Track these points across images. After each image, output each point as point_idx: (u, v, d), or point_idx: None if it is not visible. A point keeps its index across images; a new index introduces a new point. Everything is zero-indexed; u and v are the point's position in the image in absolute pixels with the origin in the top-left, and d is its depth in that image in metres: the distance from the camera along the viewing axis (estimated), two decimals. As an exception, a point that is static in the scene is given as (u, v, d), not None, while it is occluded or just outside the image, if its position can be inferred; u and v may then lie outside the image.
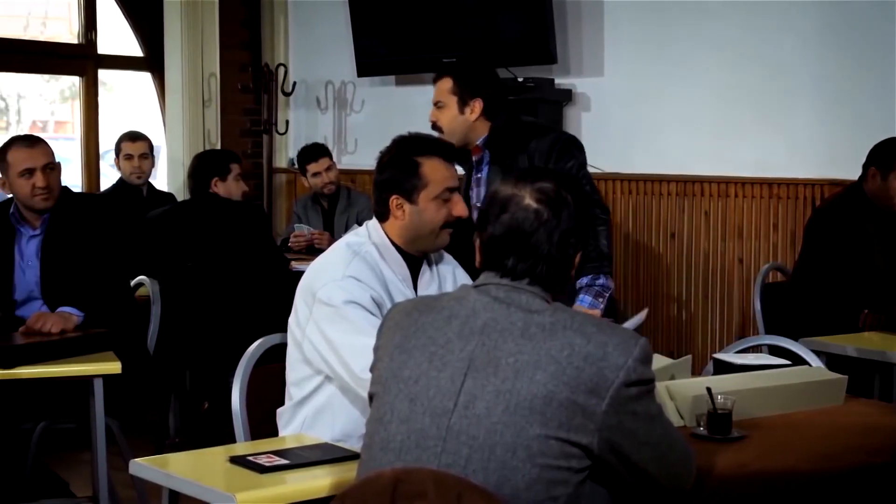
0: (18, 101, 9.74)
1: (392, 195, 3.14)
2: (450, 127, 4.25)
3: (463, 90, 4.23)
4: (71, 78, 7.97)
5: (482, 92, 4.24)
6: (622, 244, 6.24)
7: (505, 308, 2.30)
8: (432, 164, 3.12)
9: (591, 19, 6.27)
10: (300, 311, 3.13)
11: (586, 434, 2.19)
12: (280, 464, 2.70)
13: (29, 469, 4.38)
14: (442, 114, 4.26)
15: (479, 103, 4.22)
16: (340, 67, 7.37)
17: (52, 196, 4.41)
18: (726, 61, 5.86)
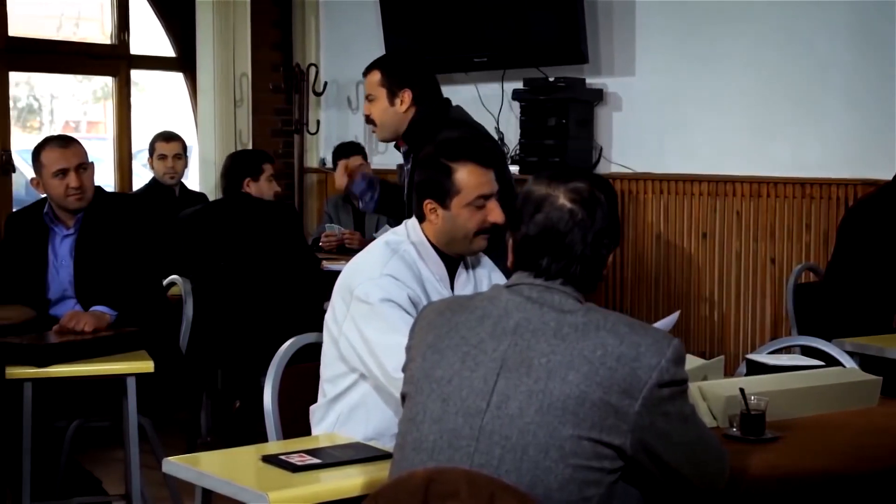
0: (51, 101, 9.81)
1: (426, 199, 3.13)
2: (381, 119, 4.31)
3: (391, 82, 4.28)
4: (103, 78, 8.01)
5: (410, 83, 4.28)
6: (653, 244, 6.22)
7: (538, 308, 2.29)
8: (467, 170, 3.10)
9: (622, 19, 6.25)
10: (337, 308, 3.13)
11: (619, 435, 2.18)
12: (312, 463, 2.70)
13: (62, 467, 4.40)
14: (373, 106, 4.32)
15: (407, 94, 4.26)
16: (371, 67, 7.37)
17: (85, 196, 4.43)
18: (759, 60, 5.83)
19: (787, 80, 5.75)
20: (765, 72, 5.82)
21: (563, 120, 6.18)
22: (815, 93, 5.68)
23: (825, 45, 5.64)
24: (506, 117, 6.67)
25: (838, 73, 5.61)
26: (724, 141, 5.98)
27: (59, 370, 3.86)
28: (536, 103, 6.28)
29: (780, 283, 5.77)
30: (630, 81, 6.27)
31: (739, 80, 5.90)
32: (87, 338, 4.03)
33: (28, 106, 9.68)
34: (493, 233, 3.15)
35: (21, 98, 8.49)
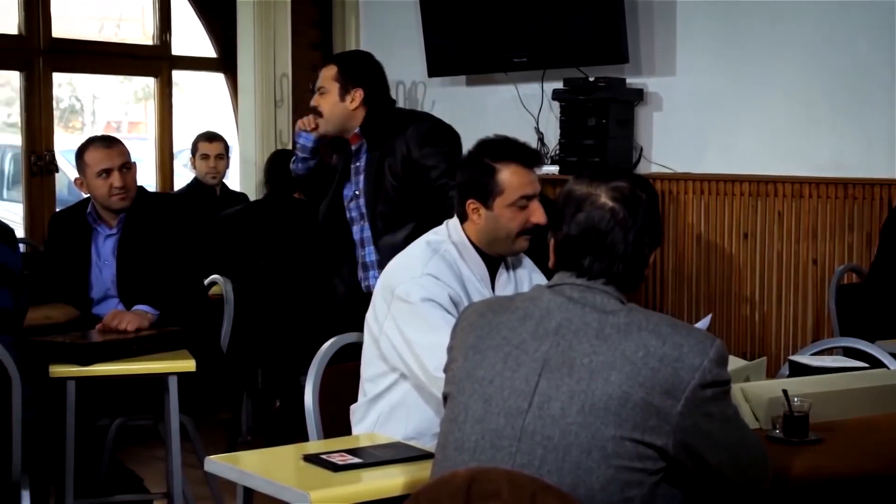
0: (93, 101, 9.88)
1: (468, 199, 3.13)
2: (329, 113, 4.37)
3: (346, 78, 4.35)
4: (144, 79, 8.07)
5: (364, 82, 4.35)
6: (694, 245, 6.19)
7: (579, 308, 2.29)
8: (510, 171, 3.10)
9: (663, 18, 6.23)
10: (378, 308, 3.13)
11: (661, 435, 2.18)
12: (353, 462, 2.70)
13: (105, 465, 4.43)
14: (323, 99, 4.38)
15: (359, 93, 4.33)
16: (411, 67, 7.38)
17: (128, 196, 4.46)
18: (801, 60, 5.79)
19: (829, 80, 5.71)
20: (806, 71, 5.78)
21: (604, 120, 6.16)
22: (857, 92, 5.64)
23: (867, 45, 5.59)
24: (545, 117, 6.66)
25: (881, 72, 5.56)
26: (766, 141, 5.94)
27: (101, 369, 3.88)
28: (576, 103, 6.27)
29: (821, 284, 5.73)
30: (671, 81, 6.24)
31: (781, 80, 5.86)
32: (129, 337, 4.05)
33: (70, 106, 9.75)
34: (535, 234, 3.14)
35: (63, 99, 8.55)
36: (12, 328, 3.68)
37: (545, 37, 6.49)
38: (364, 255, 4.46)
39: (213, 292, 4.98)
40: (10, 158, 9.11)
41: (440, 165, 4.25)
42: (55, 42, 6.87)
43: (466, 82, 7.21)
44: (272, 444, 3.72)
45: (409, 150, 4.27)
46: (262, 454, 2.96)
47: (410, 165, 4.28)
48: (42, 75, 6.82)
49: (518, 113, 6.73)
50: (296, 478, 2.63)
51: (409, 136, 4.28)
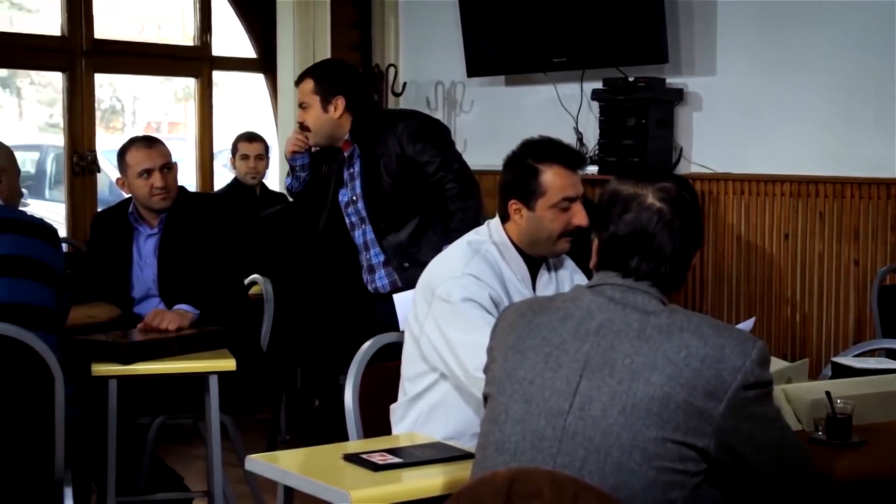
0: (134, 102, 9.94)
1: (511, 199, 3.13)
2: (316, 126, 4.46)
3: (324, 89, 4.43)
4: (184, 79, 8.11)
5: (343, 89, 4.43)
6: (734, 245, 6.16)
7: (621, 309, 2.28)
8: (553, 172, 3.10)
9: (703, 18, 6.20)
10: (419, 307, 3.14)
11: (703, 437, 2.17)
12: (393, 462, 2.70)
13: (146, 463, 4.45)
14: (307, 114, 4.46)
15: (341, 101, 4.42)
16: (450, 68, 7.38)
17: (169, 196, 4.48)
18: (842, 59, 5.75)
19: (870, 79, 5.67)
20: (848, 70, 5.73)
21: (643, 120, 6.14)
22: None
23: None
24: (585, 117, 6.64)
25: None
26: (807, 141, 5.90)
27: (143, 368, 3.90)
28: (616, 103, 6.25)
29: (863, 285, 5.69)
30: (711, 81, 6.21)
31: (822, 79, 5.82)
32: (170, 336, 4.07)
33: (111, 107, 9.82)
34: (576, 235, 3.14)
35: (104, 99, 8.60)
36: (55, 327, 3.71)
37: (585, 37, 6.47)
38: (369, 257, 4.51)
39: (253, 292, 5.00)
40: (53, 159, 9.19)
41: (435, 160, 4.35)
42: (97, 43, 6.92)
43: (505, 82, 7.20)
44: (311, 443, 3.73)
45: (403, 147, 4.36)
46: (303, 453, 2.97)
47: (405, 162, 4.37)
48: (84, 76, 6.87)
49: (557, 113, 6.72)
50: (336, 477, 2.64)
51: (399, 133, 4.37)
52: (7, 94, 9.20)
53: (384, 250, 4.47)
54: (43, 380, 3.48)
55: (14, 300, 3.57)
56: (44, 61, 6.90)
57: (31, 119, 9.33)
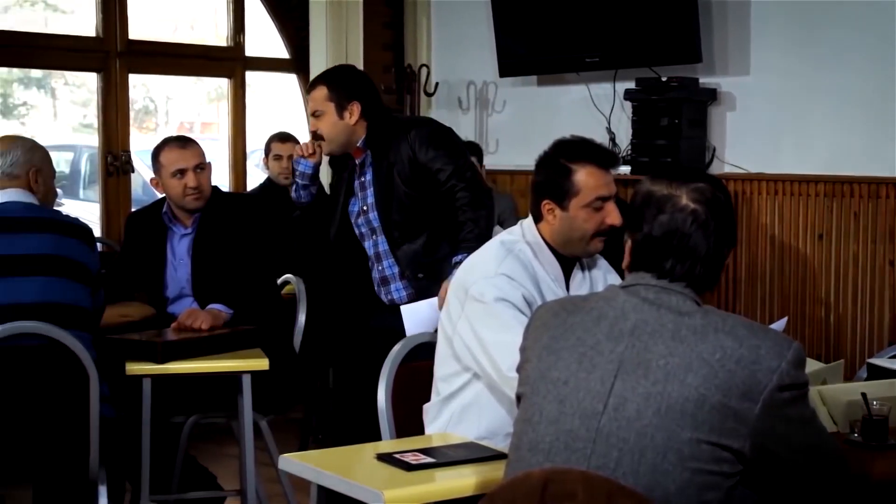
0: (167, 102, 9.98)
1: (544, 199, 3.12)
2: (331, 133, 4.38)
3: (339, 95, 4.35)
4: (217, 80, 8.14)
5: (358, 95, 4.36)
6: (768, 245, 6.13)
7: (655, 310, 2.28)
8: (586, 171, 3.09)
9: (737, 17, 6.17)
10: (452, 307, 3.14)
11: (738, 438, 2.16)
12: (426, 462, 2.71)
13: (179, 462, 4.47)
14: (321, 122, 4.38)
15: (356, 106, 4.34)
16: (482, 67, 7.38)
17: (202, 196, 4.50)
18: (877, 59, 5.70)
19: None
20: (883, 70, 5.69)
21: (676, 120, 6.12)
22: (936, 91, 5.55)
23: (947, 43, 5.51)
24: (617, 117, 6.63)
25: (961, 71, 5.47)
26: (841, 141, 5.86)
27: (176, 367, 3.92)
28: (649, 103, 6.23)
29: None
30: (744, 81, 6.18)
31: (857, 79, 5.78)
32: (203, 335, 4.08)
33: (144, 107, 9.86)
34: (609, 235, 3.13)
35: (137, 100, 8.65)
36: (90, 326, 3.73)
37: (617, 36, 6.46)
38: (382, 268, 4.46)
39: (286, 291, 5.01)
40: (87, 159, 9.24)
41: (447, 167, 4.29)
42: (131, 44, 6.95)
43: (538, 82, 7.19)
44: (343, 443, 3.73)
45: (416, 153, 4.29)
46: (336, 453, 2.98)
47: (418, 169, 4.31)
48: (119, 77, 6.91)
49: (589, 113, 6.71)
50: (369, 477, 2.64)
51: (412, 139, 4.30)
52: (42, 94, 9.25)
53: (398, 261, 4.41)
54: (78, 379, 3.50)
55: (50, 299, 3.60)
56: (78, 62, 6.94)
57: (66, 119, 9.38)
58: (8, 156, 3.77)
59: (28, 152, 3.80)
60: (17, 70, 8.26)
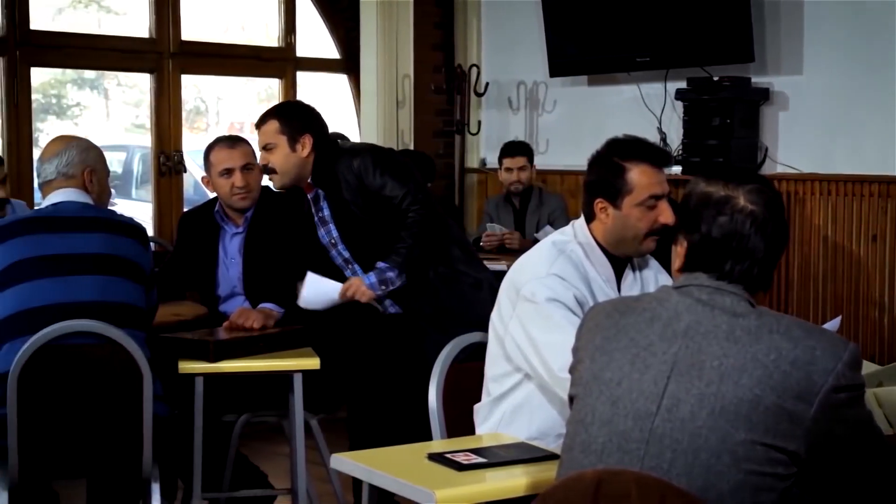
0: (217, 102, 10.04)
1: (597, 198, 3.11)
2: (283, 166, 4.35)
3: (291, 128, 4.34)
4: (267, 80, 8.18)
5: (309, 128, 4.35)
6: (820, 246, 6.08)
7: (709, 311, 2.26)
8: (640, 170, 3.07)
9: (790, 17, 6.12)
10: (503, 307, 3.14)
11: (793, 440, 2.14)
12: (478, 462, 2.71)
13: (230, 460, 4.50)
14: (273, 155, 4.35)
15: (308, 139, 4.34)
16: (533, 68, 7.38)
17: (250, 196, 4.53)
18: (933, 58, 5.65)
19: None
20: (939, 69, 5.64)
21: (728, 120, 6.08)
22: None
23: None
24: (668, 117, 6.60)
25: None
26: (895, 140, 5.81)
27: (228, 366, 3.94)
28: (700, 103, 6.20)
29: (954, 287, 5.59)
30: (797, 80, 6.14)
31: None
32: (255, 334, 4.10)
33: (195, 108, 9.92)
34: (662, 234, 3.11)
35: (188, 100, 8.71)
36: (144, 325, 3.76)
37: (669, 36, 6.43)
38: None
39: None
40: (139, 159, 9.31)
41: (398, 192, 4.27)
42: (183, 45, 7.00)
43: (588, 82, 7.18)
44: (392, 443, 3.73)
45: (363, 180, 4.27)
46: (387, 452, 2.97)
47: (370, 196, 4.29)
48: (171, 77, 6.96)
49: (640, 113, 6.69)
50: (421, 476, 2.64)
51: (357, 168, 4.28)
52: (95, 95, 9.34)
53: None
54: (132, 377, 3.53)
55: (105, 298, 3.63)
56: (132, 63, 6.99)
57: (118, 120, 9.45)
58: (64, 156, 3.80)
59: (83, 152, 3.83)
60: (71, 71, 8.34)
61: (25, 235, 3.66)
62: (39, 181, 3.87)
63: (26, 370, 3.43)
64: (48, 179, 3.80)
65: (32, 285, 3.60)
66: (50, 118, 8.76)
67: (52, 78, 8.57)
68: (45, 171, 3.81)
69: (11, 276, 3.61)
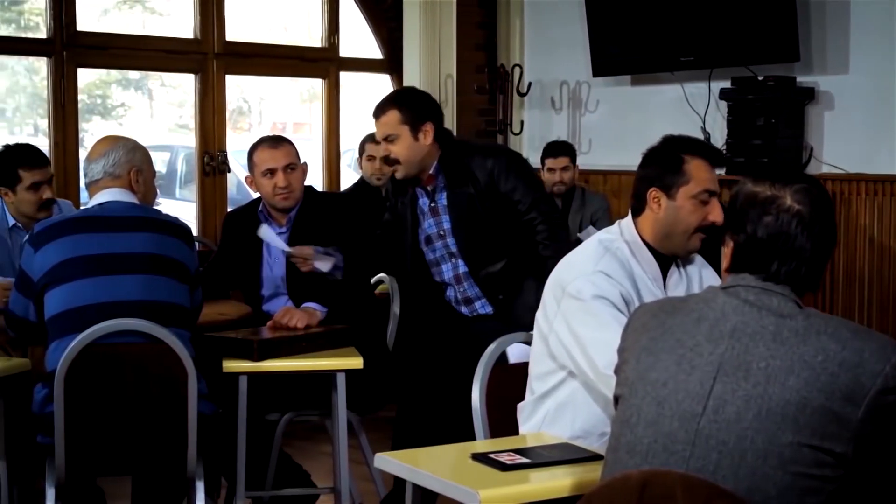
0: (260, 102, 10.09)
1: (651, 188, 3.10)
2: (407, 157, 4.31)
3: (412, 117, 4.30)
4: (309, 80, 8.20)
5: (430, 115, 4.32)
6: (866, 247, 6.03)
7: (756, 311, 2.25)
8: (697, 164, 3.08)
9: (836, 16, 6.07)
10: (548, 305, 3.13)
11: (841, 442, 2.13)
12: (521, 462, 2.70)
13: (273, 459, 4.52)
14: (395, 145, 4.31)
15: (430, 127, 4.30)
16: (575, 67, 7.36)
17: (292, 196, 4.54)
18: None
19: None
20: None
21: (773, 119, 6.05)
22: None
23: None
24: (712, 117, 6.57)
25: None
26: (943, 140, 5.76)
27: (272, 365, 3.96)
28: (745, 102, 6.16)
29: None
30: (843, 79, 6.09)
31: (960, 78, 5.67)
32: (299, 334, 4.12)
33: (238, 108, 9.98)
34: (710, 234, 3.10)
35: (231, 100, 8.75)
36: (189, 324, 3.78)
37: (713, 35, 6.40)
38: (463, 289, 4.43)
39: (380, 291, 5.03)
40: (183, 159, 9.37)
41: (526, 199, 4.28)
42: (227, 45, 7.04)
43: (631, 82, 7.15)
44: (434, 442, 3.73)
45: (497, 182, 4.26)
46: (431, 452, 2.98)
47: (498, 198, 4.28)
48: (216, 78, 7.00)
49: (684, 113, 6.65)
50: (465, 476, 2.65)
51: (492, 168, 4.27)
52: (139, 95, 9.41)
53: (479, 283, 4.40)
54: (177, 376, 3.55)
55: (150, 298, 3.65)
56: (176, 64, 7.04)
57: (162, 120, 9.52)
58: (110, 156, 3.83)
59: (130, 152, 3.86)
60: (115, 71, 8.41)
61: (72, 235, 3.69)
62: (86, 181, 3.91)
63: (73, 369, 3.46)
64: (95, 179, 3.83)
65: (79, 285, 3.63)
66: (95, 118, 8.84)
67: (97, 78, 8.64)
68: (91, 171, 3.84)
69: (58, 275, 3.64)
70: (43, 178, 4.65)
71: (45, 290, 3.66)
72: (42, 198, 4.63)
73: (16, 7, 7.37)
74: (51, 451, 3.52)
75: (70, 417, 3.48)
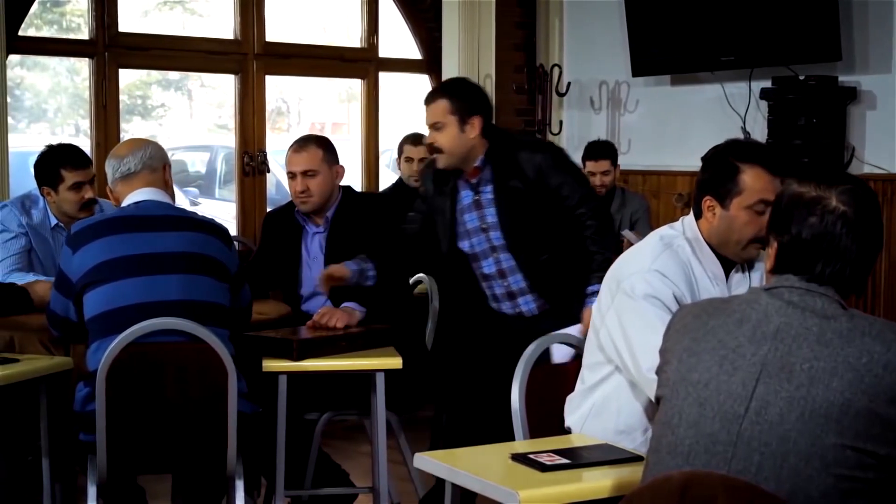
0: (299, 103, 10.12)
1: (706, 196, 3.07)
2: (451, 147, 4.25)
3: (462, 108, 4.24)
4: (347, 80, 8.22)
5: (479, 109, 4.26)
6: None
7: (799, 313, 2.24)
8: (753, 173, 3.02)
9: (878, 15, 6.03)
10: (603, 298, 3.12)
11: (886, 445, 2.11)
12: (561, 463, 2.70)
13: (313, 458, 4.52)
14: (441, 134, 4.26)
15: (478, 120, 4.24)
16: (615, 67, 7.34)
17: (310, 201, 4.56)
18: None
19: None
20: None
21: (814, 119, 6.00)
22: None
23: None
24: (752, 116, 6.53)
25: None
26: None
27: (312, 364, 3.97)
28: (786, 102, 6.12)
29: None
30: (885, 79, 6.04)
31: None
32: (338, 334, 4.13)
33: (277, 108, 10.01)
34: (766, 243, 3.06)
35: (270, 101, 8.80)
36: (227, 323, 3.79)
37: (753, 35, 6.36)
38: (508, 284, 4.36)
39: (418, 291, 5.03)
40: (222, 159, 9.41)
41: (574, 194, 4.23)
42: (267, 46, 7.06)
43: (671, 82, 7.12)
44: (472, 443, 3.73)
45: (545, 178, 4.22)
46: (470, 452, 2.98)
47: (546, 193, 4.24)
48: (255, 78, 7.02)
49: (724, 112, 6.62)
50: (504, 476, 2.65)
51: (540, 163, 4.22)
52: (178, 95, 9.45)
53: (527, 277, 4.35)
54: (217, 375, 3.57)
55: (189, 297, 3.67)
56: (216, 64, 7.07)
57: (202, 120, 9.56)
58: (147, 149, 3.89)
59: (160, 150, 3.96)
60: (155, 72, 8.45)
61: (110, 236, 3.71)
62: (117, 176, 3.88)
63: (114, 368, 3.49)
64: (132, 172, 3.85)
65: (119, 285, 3.66)
66: (135, 119, 8.89)
67: (137, 79, 8.69)
68: (126, 165, 3.85)
69: (98, 276, 3.67)
70: (85, 179, 4.69)
71: (85, 290, 3.68)
72: (84, 198, 4.67)
73: (58, 8, 7.43)
74: (92, 448, 3.55)
75: (111, 416, 3.51)
